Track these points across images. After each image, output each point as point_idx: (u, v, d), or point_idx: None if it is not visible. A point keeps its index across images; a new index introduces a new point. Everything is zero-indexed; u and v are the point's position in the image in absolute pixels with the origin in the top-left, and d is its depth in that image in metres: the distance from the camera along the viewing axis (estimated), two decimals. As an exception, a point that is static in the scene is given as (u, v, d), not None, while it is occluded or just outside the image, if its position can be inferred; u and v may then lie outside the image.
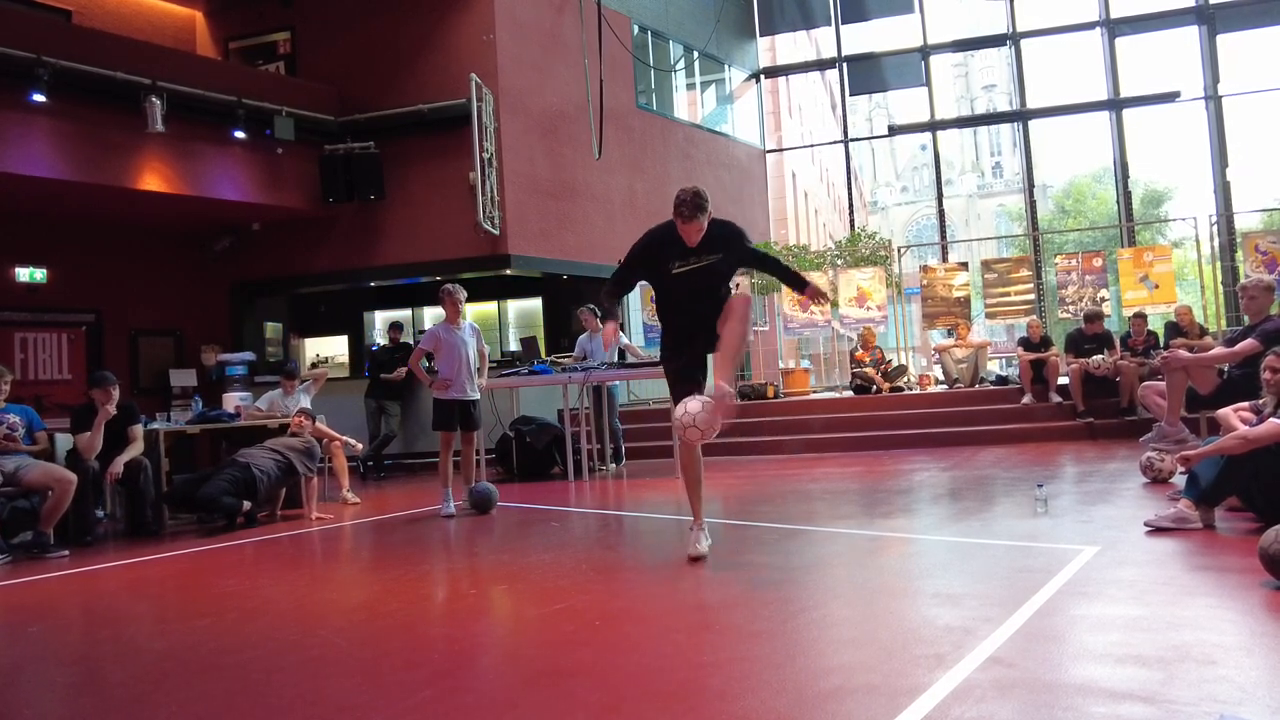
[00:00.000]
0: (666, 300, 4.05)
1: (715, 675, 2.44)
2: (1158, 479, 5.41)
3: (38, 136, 8.35)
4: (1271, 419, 3.89)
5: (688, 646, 2.76)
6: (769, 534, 4.65)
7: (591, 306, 8.68)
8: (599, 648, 2.80)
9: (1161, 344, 8.49)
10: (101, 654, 3.22)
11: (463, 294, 6.29)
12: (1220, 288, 11.64)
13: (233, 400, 8.62)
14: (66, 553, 5.38)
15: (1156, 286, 10.33)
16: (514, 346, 11.68)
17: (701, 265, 3.90)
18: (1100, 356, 8.47)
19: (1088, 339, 8.72)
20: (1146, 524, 4.03)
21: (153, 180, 9.16)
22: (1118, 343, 8.77)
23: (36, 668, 3.16)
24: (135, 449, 6.11)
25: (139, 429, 6.22)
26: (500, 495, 6.72)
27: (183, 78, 9.18)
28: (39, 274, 9.99)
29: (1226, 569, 3.29)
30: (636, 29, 13.05)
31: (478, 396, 6.30)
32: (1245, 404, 4.51)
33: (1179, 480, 4.90)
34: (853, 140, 16.51)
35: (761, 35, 16.31)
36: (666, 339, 4.12)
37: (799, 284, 4.21)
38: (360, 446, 7.70)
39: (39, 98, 8.12)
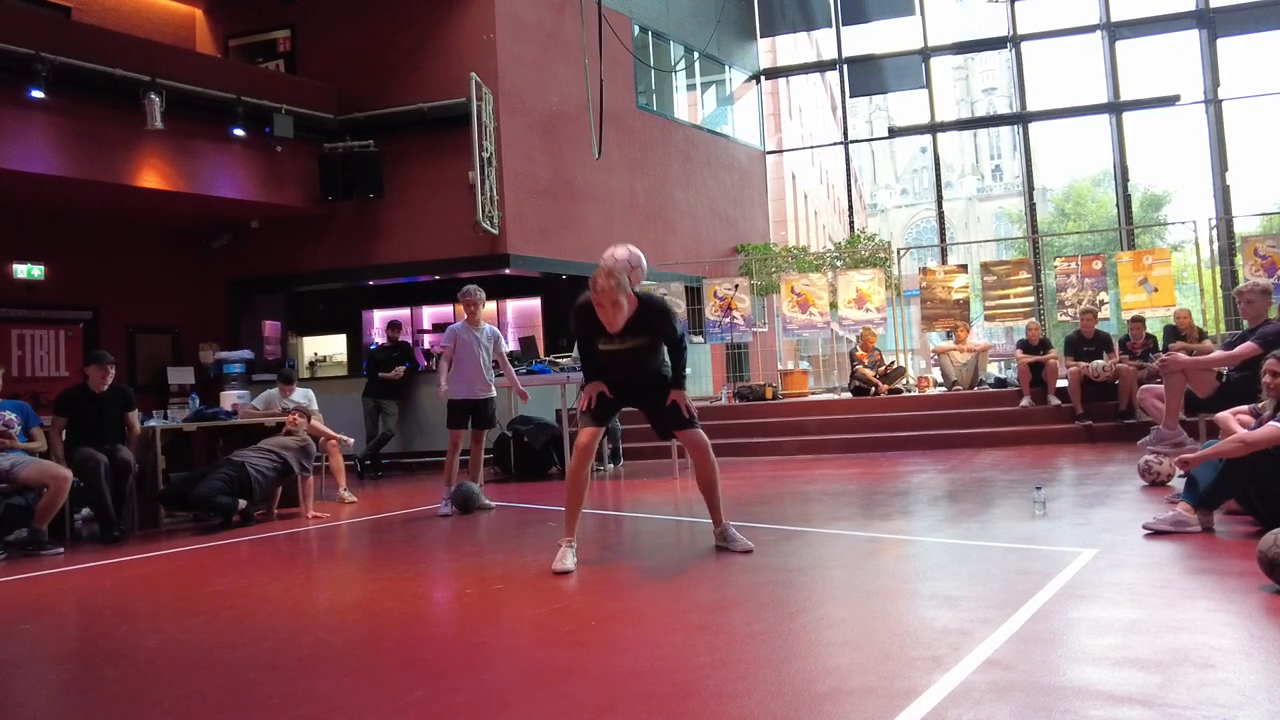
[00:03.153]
0: (597, 365, 4.05)
1: (711, 676, 2.43)
2: (1156, 482, 5.40)
3: (36, 133, 8.33)
4: (1271, 422, 3.88)
5: (684, 647, 2.74)
6: (766, 535, 4.63)
7: None
8: (594, 648, 2.79)
9: (1160, 347, 8.48)
10: (93, 652, 3.20)
11: (482, 295, 6.33)
12: (1219, 291, 11.64)
13: (230, 398, 8.61)
14: (61, 550, 5.37)
15: (1156, 290, 10.32)
16: (513, 346, 11.64)
17: (627, 348, 3.90)
18: (1100, 362, 8.46)
19: (1087, 341, 8.71)
20: (1145, 527, 4.01)
21: (151, 177, 9.14)
22: (1116, 346, 8.76)
23: (27, 666, 3.14)
24: (133, 437, 6.15)
25: (135, 415, 6.23)
26: (497, 495, 6.72)
27: (182, 75, 9.16)
28: (37, 270, 9.97)
29: (1225, 572, 3.28)
30: (637, 29, 13.04)
31: (492, 395, 6.31)
32: (1244, 407, 4.50)
33: (1177, 483, 4.90)
34: (852, 142, 16.50)
35: (762, 36, 16.32)
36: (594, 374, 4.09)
37: (676, 380, 4.18)
38: (351, 441, 7.65)
39: (37, 94, 8.10)
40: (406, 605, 3.55)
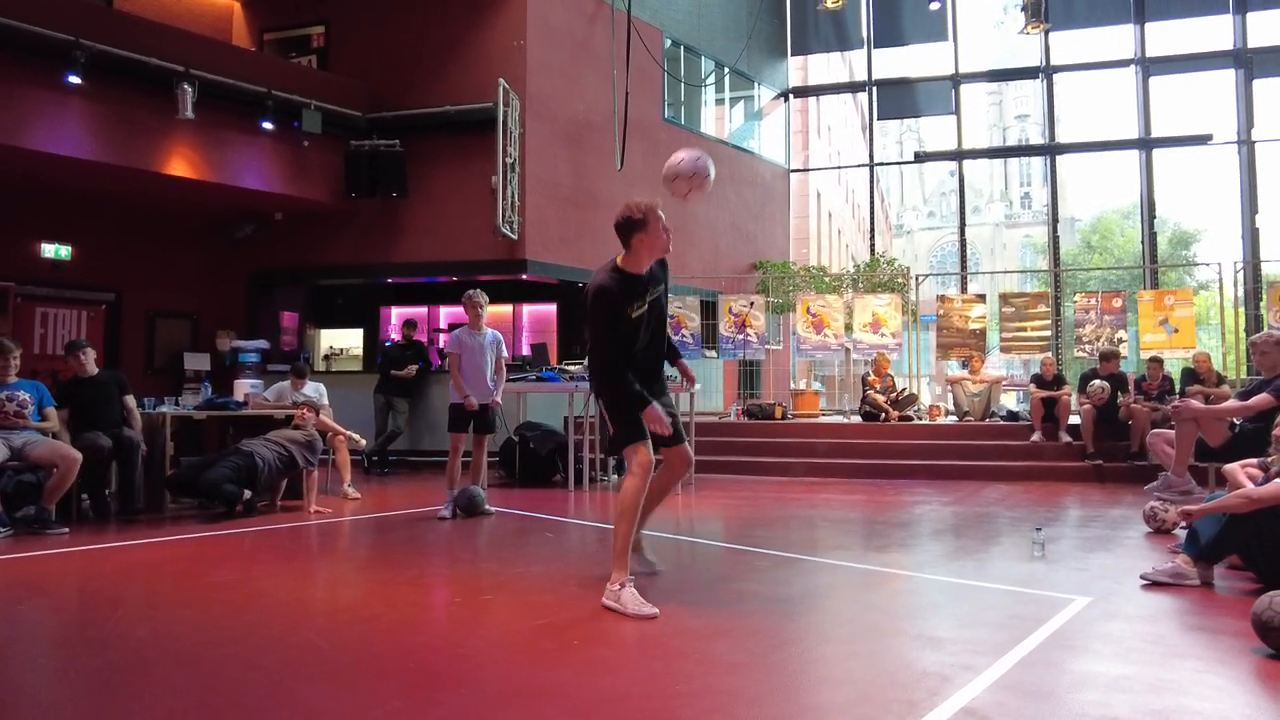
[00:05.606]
0: (624, 350, 3.59)
1: (686, 707, 2.43)
2: (1160, 529, 5.33)
3: (71, 117, 8.49)
4: (1278, 479, 3.82)
5: (664, 674, 2.74)
6: (761, 560, 4.63)
7: None
8: (575, 668, 2.79)
9: (1177, 390, 8.38)
10: (86, 637, 3.24)
11: (484, 299, 6.35)
12: (1243, 335, 11.48)
13: (243, 388, 8.69)
14: (66, 530, 5.44)
15: (1176, 331, 10.19)
16: (525, 351, 11.69)
17: (651, 301, 3.65)
18: (1098, 382, 8.37)
19: (1101, 380, 8.62)
20: (1143, 577, 3.97)
21: (180, 165, 9.28)
22: (1131, 386, 8.67)
23: (21, 646, 3.20)
24: (134, 421, 6.25)
25: (132, 400, 6.34)
26: (499, 500, 6.75)
27: (216, 66, 9.31)
28: (64, 251, 10.14)
29: (1219, 631, 3.23)
30: (668, 42, 13.09)
31: (494, 401, 6.32)
32: (1253, 461, 4.43)
33: (1182, 533, 4.83)
34: (878, 165, 16.45)
35: (793, 55, 16.32)
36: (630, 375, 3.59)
37: (673, 353, 4.08)
38: (364, 441, 7.74)
39: (75, 79, 8.26)
40: (396, 611, 3.57)
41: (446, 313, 12.09)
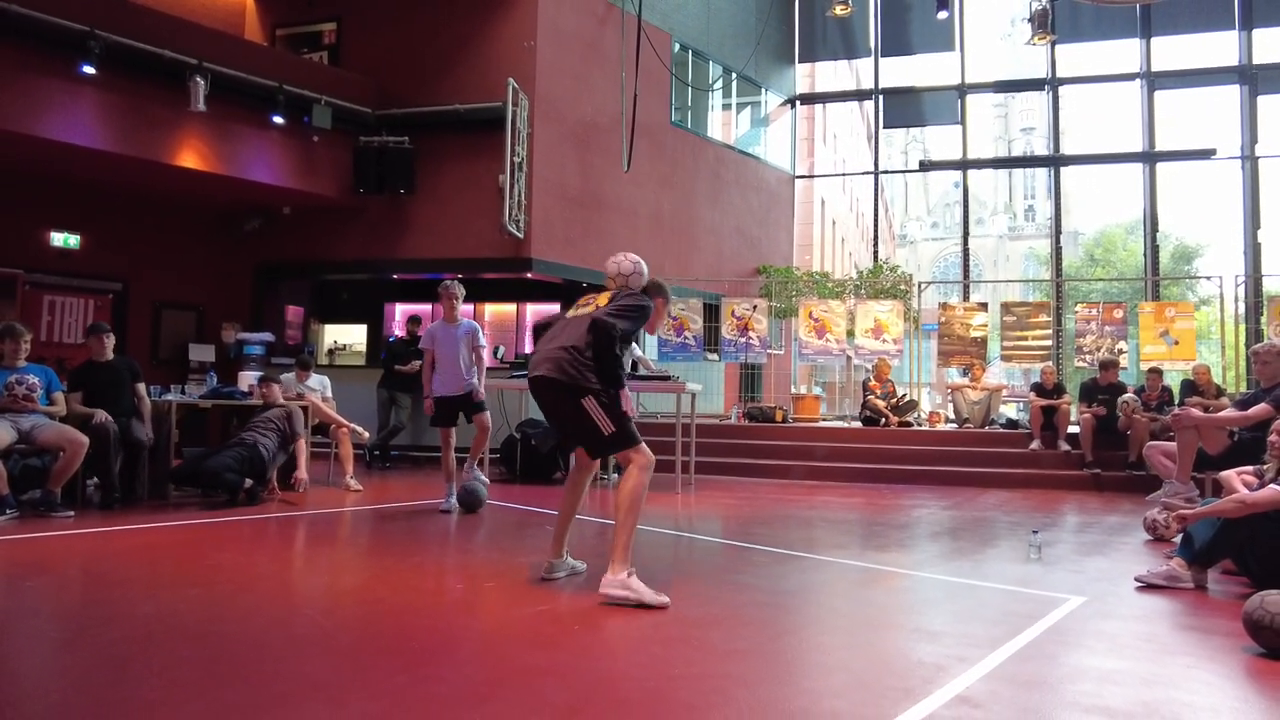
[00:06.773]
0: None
1: (684, 688, 2.47)
2: (1160, 538, 5.37)
3: (84, 107, 8.56)
4: (1272, 485, 3.87)
5: (662, 658, 2.79)
6: (760, 556, 4.67)
7: None
8: (574, 651, 2.84)
9: (1176, 401, 8.42)
10: (92, 614, 3.29)
11: (459, 290, 6.28)
12: (1243, 349, 11.52)
13: (248, 379, 8.74)
14: (72, 513, 5.49)
15: (1176, 343, 10.24)
16: (529, 350, 11.74)
17: None
18: (1132, 396, 8.43)
19: (1101, 389, 8.67)
20: (1137, 579, 4.01)
21: (190, 157, 9.36)
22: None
23: (29, 621, 3.24)
24: (144, 409, 6.29)
25: (143, 387, 6.38)
26: (500, 495, 6.79)
27: (228, 60, 9.38)
28: (73, 239, 10.21)
29: (1211, 630, 3.27)
30: (677, 46, 13.17)
31: (471, 389, 6.21)
32: (1248, 468, 4.49)
33: (1178, 538, 4.87)
34: (883, 173, 16.51)
35: (800, 61, 16.40)
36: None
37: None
38: (366, 435, 7.78)
39: (89, 70, 8.33)
40: (398, 595, 3.61)
41: (451, 310, 12.13)
